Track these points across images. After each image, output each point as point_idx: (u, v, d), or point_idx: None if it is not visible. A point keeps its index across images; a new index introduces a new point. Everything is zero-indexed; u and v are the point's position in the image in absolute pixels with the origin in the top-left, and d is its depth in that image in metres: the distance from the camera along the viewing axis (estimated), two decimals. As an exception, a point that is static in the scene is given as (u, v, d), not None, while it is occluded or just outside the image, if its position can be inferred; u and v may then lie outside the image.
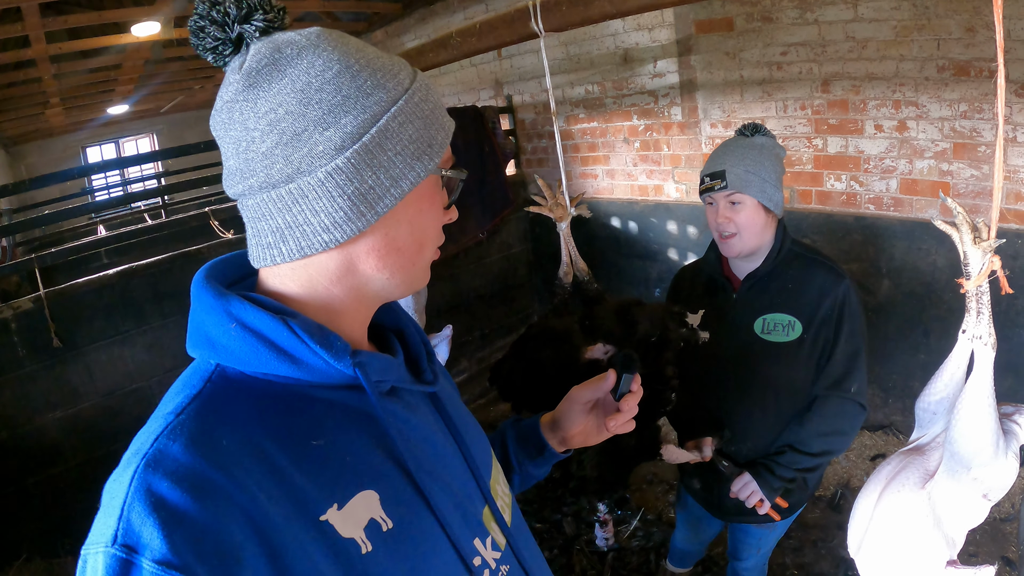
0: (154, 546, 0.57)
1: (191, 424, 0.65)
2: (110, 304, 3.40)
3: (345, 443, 0.74)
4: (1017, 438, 1.41)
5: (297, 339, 0.71)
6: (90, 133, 11.57)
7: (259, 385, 0.72)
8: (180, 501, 0.59)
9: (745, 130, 1.93)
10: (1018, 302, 3.05)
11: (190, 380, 0.72)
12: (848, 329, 1.87)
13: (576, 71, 4.92)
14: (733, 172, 1.83)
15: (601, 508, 3.25)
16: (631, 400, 1.11)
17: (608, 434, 1.15)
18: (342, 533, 0.68)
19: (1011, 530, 2.96)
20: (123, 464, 0.63)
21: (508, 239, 5.48)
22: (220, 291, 0.73)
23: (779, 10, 3.57)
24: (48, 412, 3.20)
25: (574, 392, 1.16)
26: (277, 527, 0.63)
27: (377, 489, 0.73)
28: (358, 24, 6.76)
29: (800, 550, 3.06)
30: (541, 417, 1.21)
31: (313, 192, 0.70)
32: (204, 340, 0.73)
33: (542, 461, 1.19)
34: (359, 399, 0.77)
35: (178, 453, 0.62)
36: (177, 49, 6.61)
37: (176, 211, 6.36)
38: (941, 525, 1.43)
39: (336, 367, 0.73)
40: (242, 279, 0.82)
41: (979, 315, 1.32)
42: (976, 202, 3.13)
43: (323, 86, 0.70)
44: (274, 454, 0.67)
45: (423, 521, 0.77)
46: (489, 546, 0.86)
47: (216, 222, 4.03)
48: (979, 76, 2.98)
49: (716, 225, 1.92)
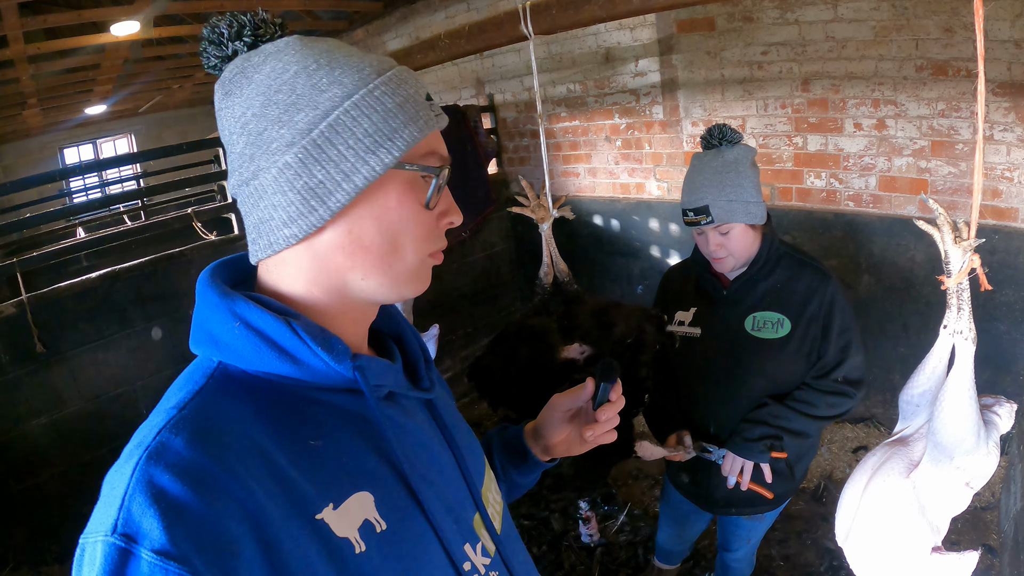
0: (153, 536, 0.57)
1: (193, 419, 0.66)
2: (93, 308, 3.37)
3: (342, 445, 0.75)
4: (997, 428, 1.45)
5: (299, 340, 0.72)
6: (68, 134, 11.39)
7: (260, 384, 0.73)
8: (181, 493, 0.59)
9: (712, 139, 1.91)
10: (996, 296, 3.12)
11: (193, 376, 0.73)
12: (837, 327, 1.92)
13: (558, 70, 4.94)
14: (717, 205, 1.84)
15: (582, 506, 3.28)
16: (609, 410, 1.07)
17: (588, 445, 1.12)
18: (337, 532, 0.69)
19: (991, 518, 3.02)
20: (125, 456, 0.64)
21: (491, 238, 5.49)
22: (225, 290, 0.74)
23: (760, 10, 3.61)
24: (32, 418, 3.17)
25: (554, 400, 1.14)
26: (274, 523, 0.64)
27: (372, 491, 0.74)
28: (339, 23, 6.71)
29: (785, 541, 3.11)
30: (525, 425, 1.20)
31: (271, 187, 0.73)
32: (207, 338, 0.74)
33: (526, 469, 1.18)
34: (357, 402, 0.78)
35: (180, 447, 0.63)
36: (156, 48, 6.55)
37: (156, 212, 6.30)
38: (926, 513, 1.47)
39: (336, 369, 0.74)
40: (245, 280, 0.83)
41: (960, 311, 1.36)
42: (954, 199, 3.19)
43: (280, 87, 0.73)
44: (273, 452, 0.68)
45: (416, 524, 0.78)
46: (479, 552, 0.87)
47: (199, 223, 4.01)
48: (957, 75, 3.04)
49: (708, 252, 1.95)
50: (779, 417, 1.94)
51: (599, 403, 1.07)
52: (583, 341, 2.06)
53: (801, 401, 1.95)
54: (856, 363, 1.96)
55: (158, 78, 8.49)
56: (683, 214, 1.92)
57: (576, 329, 2.10)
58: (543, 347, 2.05)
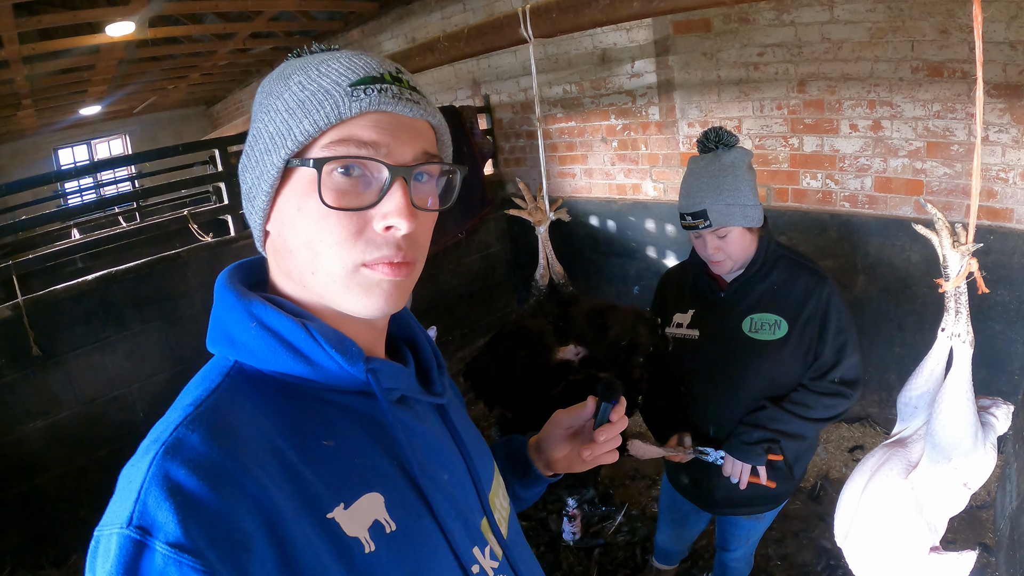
0: (168, 529, 0.58)
1: (209, 416, 0.67)
2: (89, 310, 3.37)
3: (354, 446, 0.75)
4: (994, 429, 1.46)
5: (313, 342, 0.73)
6: (62, 134, 11.36)
7: (275, 384, 0.74)
8: (196, 488, 0.60)
9: (708, 143, 1.93)
10: (991, 296, 3.13)
11: (209, 374, 0.74)
12: (834, 328, 1.93)
13: (554, 71, 4.95)
14: (715, 210, 1.84)
15: (570, 503, 3.29)
16: (609, 431, 1.05)
17: (588, 465, 1.11)
18: (347, 532, 0.70)
19: (987, 517, 3.03)
20: (141, 451, 0.65)
21: (487, 239, 5.50)
22: (243, 292, 0.76)
23: (756, 12, 3.62)
24: (29, 421, 3.17)
25: (556, 416, 1.14)
26: (286, 520, 0.64)
27: (383, 492, 0.75)
28: (334, 23, 6.70)
29: (782, 541, 3.12)
30: (530, 439, 1.20)
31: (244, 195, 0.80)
32: (224, 337, 0.75)
33: (529, 483, 1.18)
34: (369, 405, 0.79)
35: (196, 443, 0.64)
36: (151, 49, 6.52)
37: (151, 214, 6.28)
38: (924, 513, 1.48)
39: (350, 372, 0.75)
40: (261, 282, 0.84)
41: (958, 314, 1.37)
42: (949, 199, 3.21)
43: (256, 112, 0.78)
44: (286, 450, 0.69)
45: (425, 526, 0.79)
46: (488, 555, 0.88)
47: (195, 225, 4.01)
48: (952, 77, 3.06)
49: (705, 256, 1.96)
50: (776, 420, 1.95)
51: (599, 423, 1.06)
52: (578, 343, 2.07)
53: (798, 403, 1.96)
54: (852, 363, 1.96)
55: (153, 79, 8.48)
56: (681, 218, 1.93)
57: (571, 331, 2.12)
58: (538, 348, 2.06)
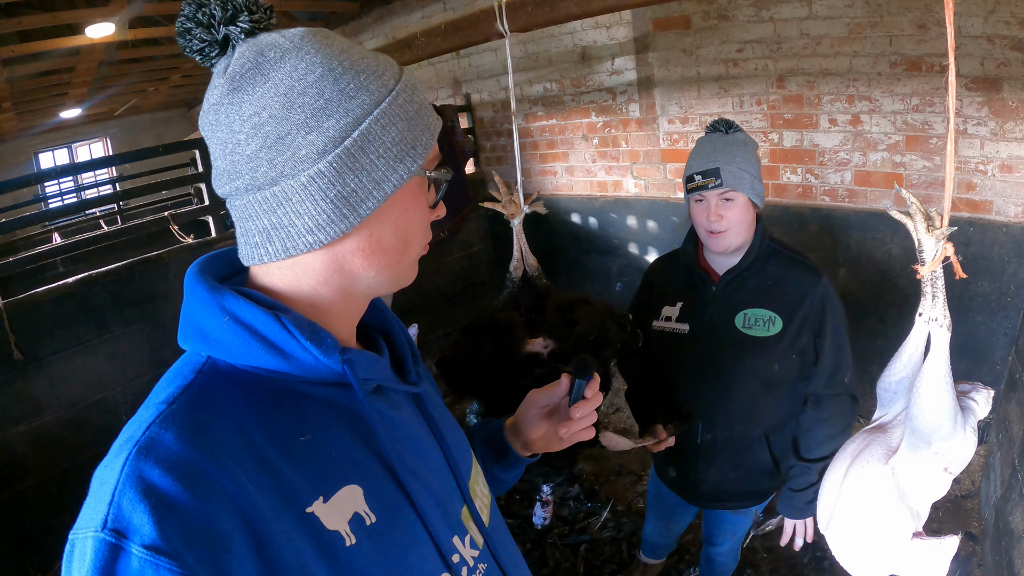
0: (144, 531, 0.57)
1: (183, 414, 0.66)
2: (70, 313, 3.34)
3: (331, 438, 0.75)
4: (974, 414, 1.47)
5: (288, 334, 0.72)
6: (42, 138, 11.24)
7: (249, 378, 0.73)
8: (171, 488, 0.59)
9: (720, 125, 1.91)
10: (972, 288, 3.17)
11: (181, 371, 0.72)
12: (832, 325, 1.90)
13: (535, 69, 4.96)
14: (727, 170, 1.81)
15: (545, 489, 3.30)
16: (584, 407, 1.06)
17: (565, 443, 1.12)
18: (327, 525, 0.69)
19: (972, 506, 3.06)
20: (114, 451, 0.64)
21: (469, 238, 5.50)
22: (214, 285, 0.74)
23: (735, 8, 3.65)
24: (11, 426, 3.13)
25: (531, 396, 1.14)
26: (265, 517, 0.64)
27: (361, 484, 0.74)
28: (315, 23, 6.65)
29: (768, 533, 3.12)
30: (506, 421, 1.20)
31: (296, 196, 0.71)
32: (196, 332, 0.74)
33: (507, 464, 1.18)
34: (346, 396, 0.78)
35: (170, 441, 0.63)
36: (131, 51, 6.47)
37: (132, 216, 6.22)
38: (905, 498, 1.49)
39: (325, 363, 0.74)
40: (234, 275, 0.82)
41: (934, 299, 1.38)
42: (929, 192, 3.24)
43: (305, 89, 0.70)
44: (263, 446, 0.68)
45: (405, 517, 0.79)
46: (468, 544, 0.88)
47: (176, 227, 3.98)
48: (930, 71, 3.09)
49: (707, 223, 1.89)
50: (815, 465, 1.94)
51: (574, 400, 1.07)
52: (547, 335, 2.08)
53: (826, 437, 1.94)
54: (850, 360, 1.95)
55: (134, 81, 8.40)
56: (687, 181, 1.89)
57: (541, 324, 2.12)
58: (508, 340, 2.06)
